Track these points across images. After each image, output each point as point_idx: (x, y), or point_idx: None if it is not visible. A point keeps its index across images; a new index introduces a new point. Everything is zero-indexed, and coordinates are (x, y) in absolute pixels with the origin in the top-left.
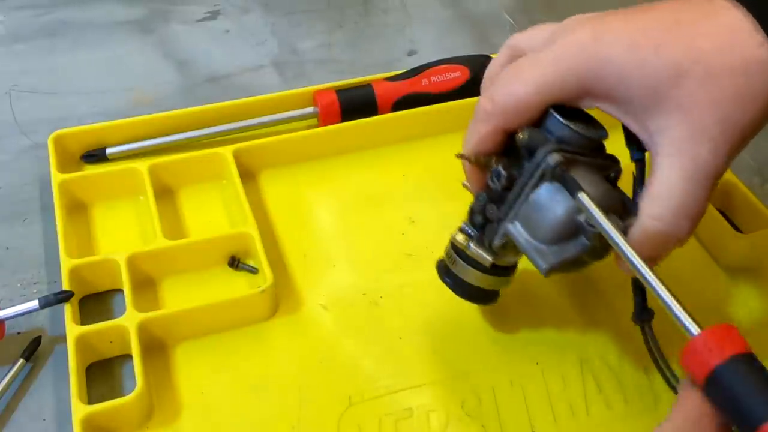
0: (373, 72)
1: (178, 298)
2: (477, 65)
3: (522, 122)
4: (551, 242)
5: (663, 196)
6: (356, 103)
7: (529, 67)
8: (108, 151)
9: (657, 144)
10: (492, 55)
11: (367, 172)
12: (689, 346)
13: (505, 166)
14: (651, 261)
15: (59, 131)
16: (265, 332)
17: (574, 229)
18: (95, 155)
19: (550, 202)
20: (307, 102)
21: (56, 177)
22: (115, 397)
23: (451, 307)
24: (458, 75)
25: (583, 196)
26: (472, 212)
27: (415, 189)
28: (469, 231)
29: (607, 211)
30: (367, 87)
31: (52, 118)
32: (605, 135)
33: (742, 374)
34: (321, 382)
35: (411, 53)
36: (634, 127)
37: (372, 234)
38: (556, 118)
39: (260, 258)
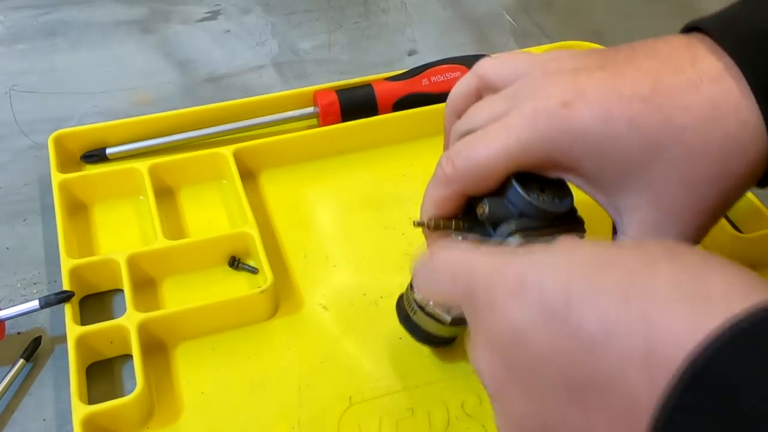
0: (373, 72)
1: (179, 298)
2: None
3: (482, 189)
4: None
5: None
6: (356, 103)
7: (495, 134)
8: (108, 151)
9: (625, 223)
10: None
11: (367, 172)
12: None
13: (464, 233)
14: None
15: (59, 131)
16: (265, 332)
17: None
18: (95, 155)
19: None
20: (307, 102)
21: (56, 177)
22: (116, 397)
23: None
24: (458, 75)
25: None
26: None
27: (415, 189)
28: None
29: None
30: (367, 87)
31: (52, 118)
32: (569, 204)
33: None
34: (321, 382)
35: (411, 53)
36: (602, 202)
37: (372, 234)
38: (517, 191)
39: (260, 258)
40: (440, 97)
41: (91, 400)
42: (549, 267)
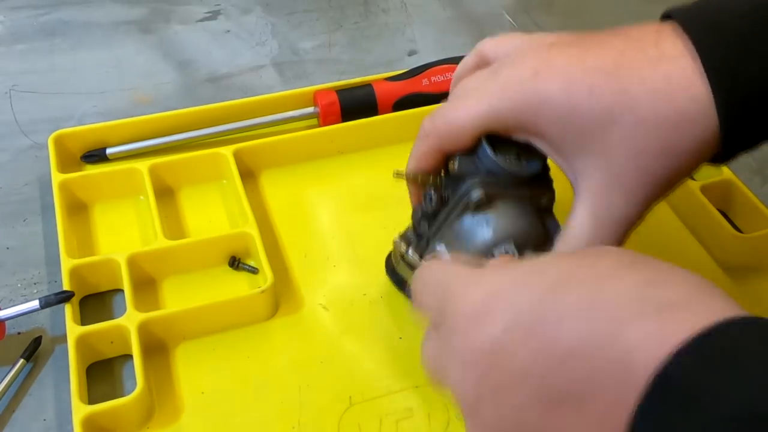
0: (373, 72)
1: (179, 298)
2: None
3: (457, 146)
4: None
5: (571, 238)
6: (356, 103)
7: (472, 95)
8: (108, 151)
9: (579, 186)
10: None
11: (367, 172)
12: None
13: (437, 189)
14: None
15: (59, 131)
16: (265, 332)
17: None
18: (95, 155)
19: (469, 233)
20: (307, 102)
21: (56, 177)
22: (116, 397)
23: None
24: None
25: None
26: (412, 222)
27: None
28: (411, 237)
29: (523, 246)
30: (367, 87)
31: (52, 118)
32: (536, 168)
33: None
34: (321, 382)
35: (411, 53)
36: (563, 165)
37: (372, 234)
38: (486, 150)
39: (260, 258)
40: (440, 97)
41: (91, 400)
42: (522, 286)
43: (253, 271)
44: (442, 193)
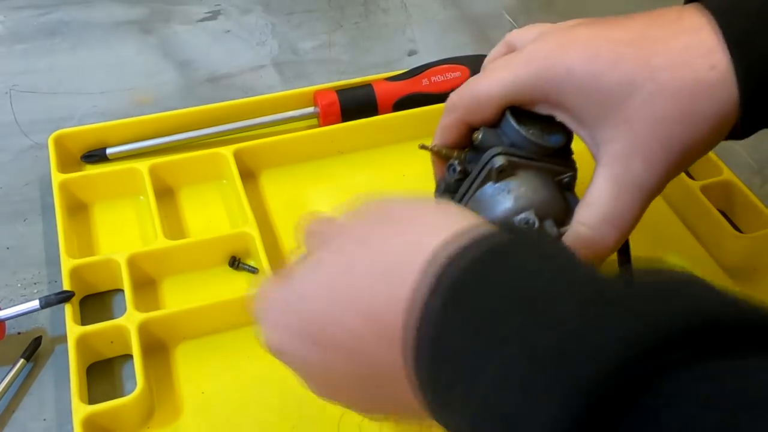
0: (373, 72)
1: (179, 298)
2: (477, 65)
3: (482, 117)
4: None
5: (592, 203)
6: (356, 103)
7: (498, 69)
8: (108, 151)
9: (600, 154)
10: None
11: (367, 172)
12: None
13: (461, 162)
14: None
15: (59, 131)
16: None
17: None
18: (95, 155)
19: (491, 201)
20: (307, 102)
21: (56, 177)
22: (116, 397)
23: None
24: (458, 75)
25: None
26: (435, 196)
27: (415, 189)
28: None
29: (544, 215)
30: (367, 87)
31: (52, 118)
32: (559, 141)
33: None
34: None
35: (411, 53)
36: (585, 138)
37: None
38: (509, 121)
39: (260, 258)
40: (440, 97)
41: (92, 400)
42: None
43: (253, 271)
44: (466, 166)
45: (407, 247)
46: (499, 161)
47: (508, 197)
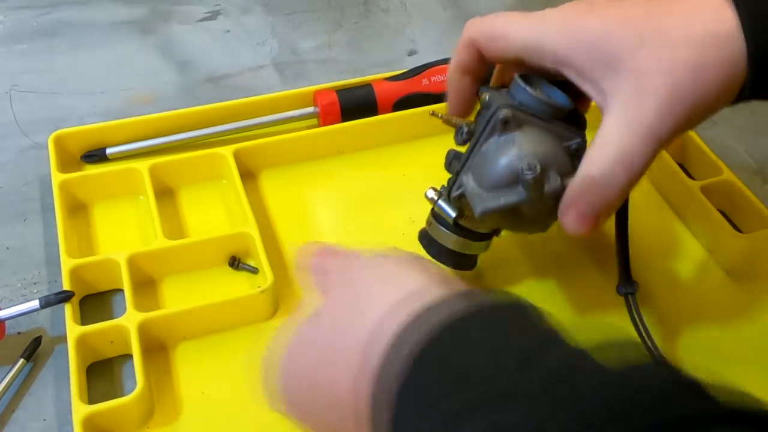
0: (373, 72)
1: (179, 298)
2: None
3: (495, 51)
4: (491, 189)
5: (601, 144)
6: (356, 103)
7: (517, 20)
8: (108, 151)
9: (609, 103)
10: None
11: (367, 172)
12: None
13: (469, 124)
14: (590, 218)
15: (59, 131)
16: (265, 332)
17: (514, 178)
18: (95, 155)
19: (495, 152)
20: (307, 102)
21: (56, 177)
22: (116, 397)
23: None
24: None
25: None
26: (444, 164)
27: (415, 189)
28: (442, 191)
29: (548, 167)
30: (367, 87)
31: (52, 118)
32: (565, 102)
33: None
34: None
35: (411, 53)
36: (589, 90)
37: (372, 234)
38: (518, 83)
39: (260, 258)
40: (440, 97)
41: (91, 400)
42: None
43: (253, 271)
44: (473, 129)
45: (382, 320)
46: (504, 112)
47: (513, 148)
